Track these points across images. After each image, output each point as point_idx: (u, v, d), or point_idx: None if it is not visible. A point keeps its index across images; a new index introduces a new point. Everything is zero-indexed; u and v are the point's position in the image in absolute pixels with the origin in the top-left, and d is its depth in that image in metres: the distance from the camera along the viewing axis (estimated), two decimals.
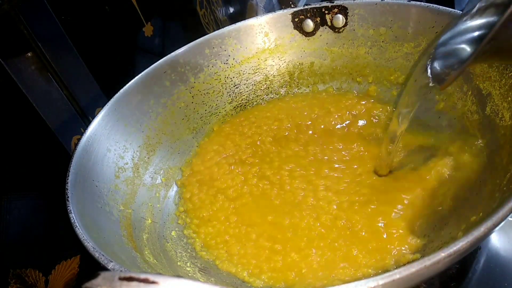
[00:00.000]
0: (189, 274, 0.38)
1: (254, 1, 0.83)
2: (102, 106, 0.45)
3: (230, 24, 0.53)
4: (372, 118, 0.49)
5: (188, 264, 0.39)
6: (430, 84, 0.34)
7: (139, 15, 0.55)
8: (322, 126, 0.50)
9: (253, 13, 0.82)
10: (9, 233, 0.38)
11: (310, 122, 0.50)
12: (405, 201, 0.39)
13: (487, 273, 0.37)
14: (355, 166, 0.44)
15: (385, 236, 0.37)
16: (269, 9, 0.87)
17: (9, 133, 0.38)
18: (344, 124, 0.49)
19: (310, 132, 0.50)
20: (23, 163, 0.40)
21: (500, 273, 0.37)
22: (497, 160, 0.36)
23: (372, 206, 0.39)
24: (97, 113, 0.44)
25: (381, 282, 0.22)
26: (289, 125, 0.51)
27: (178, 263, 0.39)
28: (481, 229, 0.24)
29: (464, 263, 0.38)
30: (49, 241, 0.43)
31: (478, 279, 0.37)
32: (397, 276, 0.23)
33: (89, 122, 0.43)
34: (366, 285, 0.22)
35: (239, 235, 0.41)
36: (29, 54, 0.40)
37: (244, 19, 0.53)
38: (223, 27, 0.53)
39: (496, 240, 0.40)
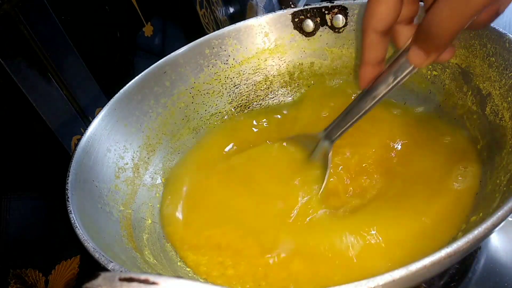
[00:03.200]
0: (189, 275, 0.38)
1: (254, 1, 0.83)
2: (102, 106, 0.45)
3: (230, 24, 0.53)
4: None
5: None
6: None
7: (139, 15, 0.55)
8: None
9: (253, 13, 0.82)
10: (9, 233, 0.38)
11: None
12: None
13: (487, 273, 0.37)
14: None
15: None
16: (269, 9, 0.88)
17: (9, 133, 0.38)
18: None
19: None
20: (23, 163, 0.40)
21: (500, 273, 0.37)
22: (497, 160, 0.36)
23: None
24: (97, 113, 0.44)
25: (381, 282, 0.22)
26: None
27: (178, 263, 0.39)
28: (481, 229, 0.24)
29: (464, 263, 0.38)
30: (49, 241, 0.43)
31: (478, 279, 0.37)
32: (397, 276, 0.23)
33: (89, 122, 0.43)
34: (366, 285, 0.22)
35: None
36: (29, 54, 0.40)
37: (244, 19, 0.53)
38: (223, 27, 0.53)
39: (496, 240, 0.40)
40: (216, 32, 0.52)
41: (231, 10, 0.77)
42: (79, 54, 0.46)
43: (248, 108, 0.55)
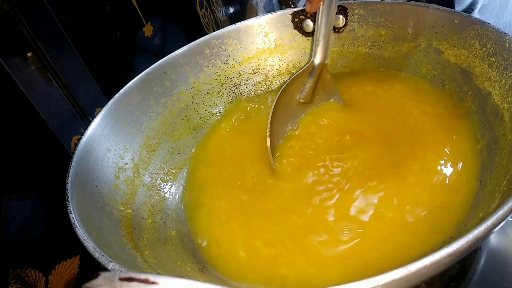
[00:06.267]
0: (189, 274, 0.38)
1: (254, 1, 0.83)
2: (102, 106, 0.45)
3: (230, 24, 0.53)
4: None
5: (188, 264, 0.39)
6: None
7: (139, 15, 0.55)
8: None
9: (253, 13, 0.82)
10: (9, 233, 0.38)
11: None
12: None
13: (487, 273, 0.37)
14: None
15: None
16: (269, 9, 0.87)
17: (9, 133, 0.38)
18: None
19: None
20: (23, 163, 0.40)
21: (500, 273, 0.37)
22: (497, 160, 0.36)
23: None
24: (97, 113, 0.44)
25: (381, 282, 0.22)
26: None
27: (178, 263, 0.39)
28: (481, 229, 0.24)
29: (464, 263, 0.38)
30: (49, 241, 0.43)
31: (478, 279, 0.37)
32: (397, 276, 0.23)
33: (89, 122, 0.43)
34: (366, 285, 0.22)
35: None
36: (29, 54, 0.40)
37: (244, 19, 0.53)
38: (223, 27, 0.53)
39: (496, 240, 0.40)
40: (216, 32, 0.52)
41: (231, 10, 0.77)
42: (79, 54, 0.46)
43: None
